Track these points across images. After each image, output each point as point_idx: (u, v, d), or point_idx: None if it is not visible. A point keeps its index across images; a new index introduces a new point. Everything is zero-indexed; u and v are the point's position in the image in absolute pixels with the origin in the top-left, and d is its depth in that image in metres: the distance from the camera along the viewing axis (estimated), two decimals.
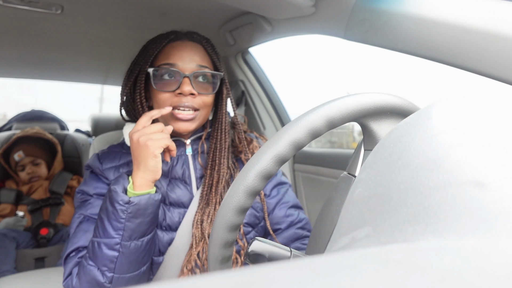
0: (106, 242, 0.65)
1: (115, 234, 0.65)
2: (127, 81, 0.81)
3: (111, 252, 0.65)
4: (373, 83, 6.95)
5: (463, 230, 0.13)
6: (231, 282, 0.10)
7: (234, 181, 0.39)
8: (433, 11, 0.59)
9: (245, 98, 1.45)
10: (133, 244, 0.66)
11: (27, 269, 1.48)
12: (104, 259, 0.65)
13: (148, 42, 0.82)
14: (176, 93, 0.75)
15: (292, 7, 0.80)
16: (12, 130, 1.97)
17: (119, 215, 0.65)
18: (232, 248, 0.44)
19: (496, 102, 0.22)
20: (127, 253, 0.66)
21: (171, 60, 0.76)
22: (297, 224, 0.85)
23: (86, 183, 0.78)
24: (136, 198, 0.66)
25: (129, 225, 0.65)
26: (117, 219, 0.65)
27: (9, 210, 1.69)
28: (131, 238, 0.66)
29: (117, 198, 0.65)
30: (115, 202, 0.65)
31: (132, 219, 0.65)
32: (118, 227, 0.65)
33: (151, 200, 0.67)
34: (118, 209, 0.64)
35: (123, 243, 0.65)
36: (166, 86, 0.75)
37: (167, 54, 0.78)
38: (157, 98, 0.77)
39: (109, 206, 0.65)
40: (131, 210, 0.65)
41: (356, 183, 0.21)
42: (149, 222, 0.68)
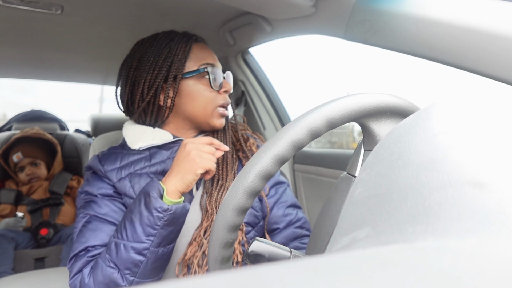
0: (135, 246, 0.64)
1: (145, 239, 0.65)
2: (152, 85, 0.79)
3: (138, 256, 0.65)
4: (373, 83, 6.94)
5: (463, 230, 0.13)
6: (231, 282, 0.10)
7: (234, 181, 0.39)
8: (433, 11, 0.59)
9: (245, 98, 1.45)
10: (160, 250, 0.67)
11: (26, 269, 1.48)
12: (128, 262, 0.64)
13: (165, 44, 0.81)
14: (221, 91, 0.81)
15: (292, 7, 0.80)
16: (12, 130, 1.96)
17: (155, 221, 0.64)
18: (232, 248, 0.44)
19: (496, 102, 0.22)
20: (153, 258, 0.66)
21: (209, 61, 0.82)
22: (295, 223, 0.85)
23: (90, 184, 0.78)
24: (174, 206, 0.66)
25: (162, 232, 0.65)
26: (151, 225, 0.65)
27: (9, 211, 1.69)
28: (160, 245, 0.66)
29: (156, 204, 0.64)
30: (152, 208, 0.64)
31: (166, 227, 0.66)
32: (151, 233, 0.65)
33: (184, 209, 0.68)
34: (155, 215, 0.64)
35: (151, 249, 0.65)
36: (216, 86, 0.80)
37: (200, 55, 0.81)
38: (203, 96, 0.80)
39: (144, 211, 0.65)
40: (167, 218, 0.65)
41: (356, 183, 0.21)
42: (178, 230, 0.70)
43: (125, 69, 0.83)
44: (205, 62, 0.81)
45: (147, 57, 0.80)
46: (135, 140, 0.80)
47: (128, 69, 0.82)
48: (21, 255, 1.53)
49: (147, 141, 0.79)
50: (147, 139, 0.80)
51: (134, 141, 0.80)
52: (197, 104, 0.80)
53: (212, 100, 0.80)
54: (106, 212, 0.73)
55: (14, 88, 8.65)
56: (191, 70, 0.79)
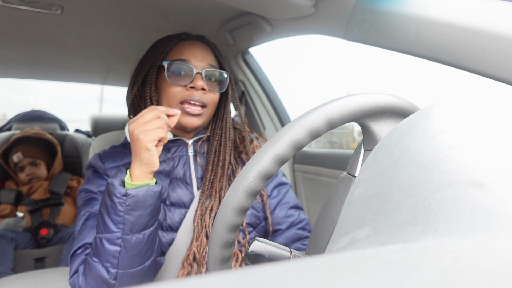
0: (108, 237, 0.64)
1: (115, 228, 0.64)
2: (137, 77, 0.82)
3: (113, 247, 0.64)
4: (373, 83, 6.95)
5: (463, 230, 0.13)
6: (231, 282, 0.10)
7: (234, 181, 0.39)
8: (433, 11, 0.59)
9: (245, 98, 1.45)
10: (134, 237, 0.65)
11: (26, 269, 1.48)
12: (107, 255, 0.64)
13: (159, 41, 0.84)
14: (188, 87, 0.77)
15: (292, 7, 0.80)
16: (12, 130, 1.96)
17: (118, 208, 0.63)
18: (232, 249, 0.44)
19: (496, 102, 0.22)
20: (128, 247, 0.65)
21: (184, 56, 0.79)
22: (297, 225, 0.85)
23: (90, 182, 0.78)
24: (134, 190, 0.64)
25: (128, 218, 0.64)
26: (116, 213, 0.63)
27: (9, 211, 1.69)
28: (131, 231, 0.64)
29: (115, 191, 0.63)
30: (112, 195, 0.63)
31: (131, 212, 0.64)
32: (118, 220, 0.64)
33: (150, 191, 0.65)
34: (116, 202, 0.63)
35: (124, 237, 0.64)
36: (179, 80, 0.78)
37: (180, 51, 0.81)
38: (167, 91, 0.78)
39: (107, 200, 0.64)
40: (129, 203, 0.63)
41: (356, 183, 0.21)
42: (149, 214, 0.66)
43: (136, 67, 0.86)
44: (177, 57, 0.79)
45: (146, 55, 0.84)
46: None
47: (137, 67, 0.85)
48: (21, 255, 1.53)
49: None
50: None
51: None
52: (163, 100, 0.80)
53: (175, 95, 0.77)
54: None
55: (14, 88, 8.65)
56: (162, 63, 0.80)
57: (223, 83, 0.83)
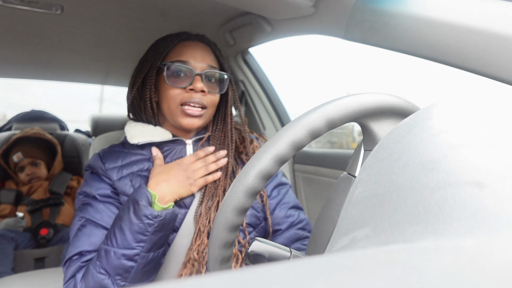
0: (126, 252, 0.65)
1: (136, 245, 0.65)
2: (136, 78, 0.82)
3: (129, 262, 0.65)
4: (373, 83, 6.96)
5: (463, 230, 0.13)
6: (231, 282, 0.10)
7: (234, 181, 0.39)
8: (433, 11, 0.59)
9: (245, 98, 1.45)
10: (151, 255, 0.68)
11: (26, 269, 1.47)
12: (119, 269, 0.65)
13: (158, 41, 0.84)
14: (187, 89, 0.77)
15: (292, 7, 0.80)
16: (12, 130, 1.96)
17: (146, 228, 0.65)
18: (232, 249, 0.44)
19: (496, 102, 0.22)
20: (143, 263, 0.67)
21: (183, 58, 0.79)
22: (297, 225, 0.85)
23: (88, 184, 0.77)
24: (163, 212, 0.67)
25: (152, 238, 0.66)
26: (142, 232, 0.65)
27: (9, 211, 1.69)
28: (150, 250, 0.67)
29: (146, 211, 0.66)
30: (142, 216, 0.65)
31: (157, 233, 0.67)
32: (142, 239, 0.66)
33: (174, 214, 0.70)
34: (146, 222, 0.65)
35: (142, 254, 0.66)
36: (178, 82, 0.78)
37: (179, 52, 0.80)
38: (167, 93, 0.78)
39: (133, 218, 0.66)
40: (157, 224, 0.66)
41: (356, 183, 0.21)
42: (168, 235, 0.71)
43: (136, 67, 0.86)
44: (178, 59, 0.79)
45: (145, 56, 0.83)
46: (135, 135, 0.81)
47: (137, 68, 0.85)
48: (21, 255, 1.53)
49: (146, 137, 0.80)
50: (147, 135, 0.81)
51: (134, 136, 0.81)
52: (163, 101, 0.80)
53: (174, 97, 0.78)
54: (101, 217, 0.73)
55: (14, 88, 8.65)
56: (161, 65, 0.80)
57: (223, 84, 0.83)
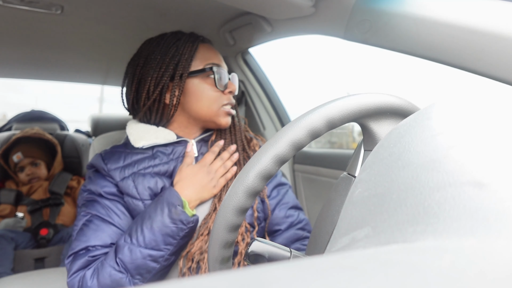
0: (152, 253, 0.66)
1: (164, 247, 0.67)
2: (158, 83, 0.79)
3: (153, 263, 0.66)
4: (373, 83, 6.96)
5: (463, 230, 0.13)
6: (231, 282, 0.10)
7: (234, 181, 0.39)
8: (433, 11, 0.59)
9: (245, 98, 1.45)
10: (173, 258, 0.69)
11: (26, 269, 1.48)
12: (142, 268, 0.66)
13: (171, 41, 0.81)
14: (226, 92, 0.82)
15: (292, 7, 0.80)
16: (12, 131, 1.96)
17: (177, 232, 0.67)
18: (232, 249, 0.44)
19: (496, 102, 0.22)
20: (165, 265, 0.68)
21: (215, 61, 0.83)
22: (297, 225, 0.85)
23: (93, 182, 0.77)
24: (195, 218, 0.70)
25: (180, 242, 0.69)
26: (173, 236, 0.67)
27: (9, 211, 1.69)
28: (175, 253, 0.69)
29: (182, 216, 0.68)
30: (178, 220, 0.67)
31: (185, 238, 0.69)
32: (171, 242, 0.67)
33: (197, 220, 0.72)
34: (179, 227, 0.67)
35: (166, 257, 0.67)
36: (222, 85, 0.82)
37: (205, 55, 0.82)
38: (208, 96, 0.80)
39: (167, 221, 0.67)
40: (188, 230, 0.69)
41: (356, 183, 0.21)
42: (190, 240, 0.72)
43: (132, 67, 0.83)
44: (210, 62, 0.81)
45: (154, 56, 0.80)
46: (139, 138, 0.80)
47: (135, 67, 0.82)
48: (21, 255, 1.53)
49: (150, 140, 0.80)
50: (151, 137, 0.80)
51: (138, 139, 0.80)
52: (202, 103, 0.80)
53: (217, 100, 0.81)
54: (108, 213, 0.73)
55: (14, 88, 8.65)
56: (197, 69, 0.80)
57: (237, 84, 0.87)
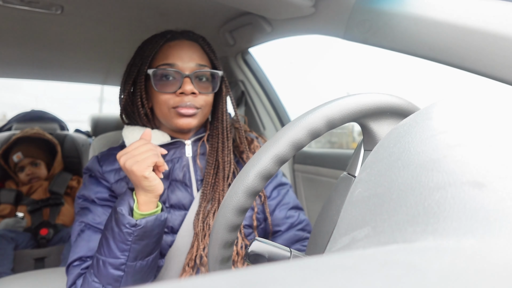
0: (112, 262, 0.64)
1: (120, 255, 0.65)
2: (126, 84, 0.80)
3: (117, 272, 0.65)
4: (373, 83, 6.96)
5: (462, 230, 0.13)
6: (231, 282, 0.10)
7: (234, 181, 0.39)
8: (433, 11, 0.59)
9: (245, 98, 1.45)
10: (138, 264, 0.66)
11: (26, 269, 1.48)
12: (109, 278, 0.65)
13: (144, 43, 0.82)
14: (177, 93, 0.75)
15: (292, 7, 0.80)
16: (12, 130, 1.96)
17: (126, 237, 0.64)
18: (232, 249, 0.44)
19: (496, 102, 0.22)
20: (132, 272, 0.66)
21: (170, 60, 0.76)
22: (297, 226, 0.84)
23: (86, 188, 0.77)
24: (143, 220, 0.64)
25: (135, 247, 0.65)
26: (123, 241, 0.64)
27: (9, 211, 1.69)
28: (136, 259, 0.66)
29: (124, 220, 0.64)
30: (121, 225, 0.64)
31: (139, 241, 0.65)
32: (124, 248, 0.64)
33: (158, 221, 0.66)
34: (125, 231, 0.64)
35: (128, 264, 0.65)
36: (167, 87, 0.75)
37: (165, 54, 0.77)
38: (158, 99, 0.77)
39: (115, 227, 0.65)
40: (137, 233, 0.64)
41: (356, 183, 0.21)
42: (155, 242, 0.68)
43: (127, 68, 0.84)
44: (164, 62, 0.76)
45: (134, 58, 0.81)
46: (133, 140, 0.80)
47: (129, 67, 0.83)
48: (21, 255, 1.53)
49: None
50: None
51: (133, 141, 0.80)
52: (155, 106, 0.79)
53: (166, 102, 0.76)
54: (100, 221, 0.73)
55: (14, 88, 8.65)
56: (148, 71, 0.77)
57: (215, 82, 0.80)
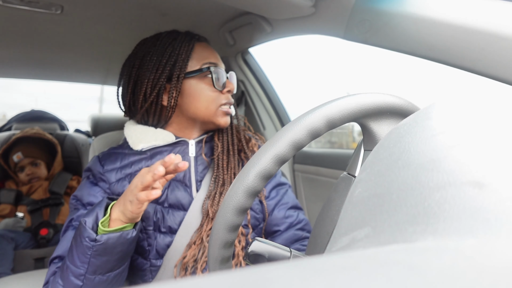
0: (73, 270, 0.63)
1: (80, 265, 0.63)
2: (155, 85, 0.78)
3: (76, 280, 0.63)
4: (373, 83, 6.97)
5: (463, 230, 0.13)
6: (231, 282, 0.10)
7: (233, 181, 0.39)
8: (433, 11, 0.59)
9: (245, 98, 1.45)
10: (97, 278, 0.64)
11: (26, 269, 1.48)
12: (69, 284, 0.63)
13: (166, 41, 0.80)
14: (224, 91, 0.81)
15: (292, 7, 0.80)
16: (12, 130, 1.96)
17: (85, 250, 0.62)
18: (232, 249, 0.44)
19: (496, 102, 0.22)
20: (90, 285, 0.64)
21: (212, 60, 0.81)
22: (296, 225, 0.84)
23: (81, 190, 0.77)
24: (105, 236, 0.61)
25: (94, 262, 0.62)
26: (83, 253, 0.62)
27: (9, 211, 1.69)
28: (95, 273, 0.63)
29: (84, 233, 0.61)
30: (82, 237, 0.62)
31: (98, 257, 0.62)
32: (84, 260, 0.62)
33: (122, 238, 0.63)
34: (84, 244, 0.61)
35: (87, 276, 0.63)
36: (220, 85, 0.81)
37: (202, 54, 0.81)
38: (206, 96, 0.79)
39: (77, 237, 0.63)
40: (96, 249, 0.61)
41: (356, 183, 0.21)
42: (117, 260, 0.65)
43: (127, 69, 0.82)
44: (207, 61, 0.80)
45: (150, 57, 0.79)
46: (138, 141, 0.80)
47: (130, 68, 0.81)
48: (21, 255, 1.53)
49: (149, 142, 0.79)
50: (150, 139, 0.79)
51: (137, 142, 0.80)
52: (200, 104, 0.79)
53: (215, 100, 0.80)
54: None
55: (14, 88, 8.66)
56: (193, 70, 0.79)
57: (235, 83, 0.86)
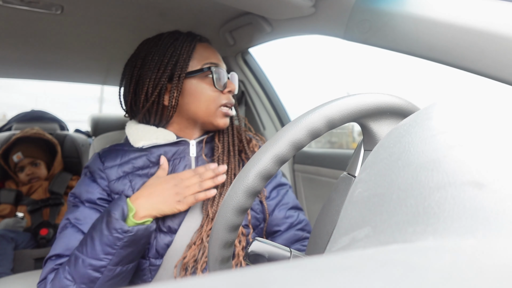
0: (93, 263, 0.64)
1: (103, 257, 0.64)
2: (157, 85, 0.78)
3: (95, 273, 0.64)
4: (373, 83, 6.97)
5: (463, 230, 0.13)
6: (231, 282, 0.10)
7: (233, 181, 0.39)
8: (433, 11, 0.59)
9: (244, 98, 1.45)
10: (118, 269, 0.67)
11: (26, 269, 1.48)
12: (84, 278, 0.64)
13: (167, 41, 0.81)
14: (225, 91, 0.81)
15: (292, 7, 0.80)
16: (12, 130, 1.96)
17: (114, 241, 0.64)
18: (232, 249, 0.44)
19: (496, 102, 0.22)
20: (109, 276, 0.66)
21: (213, 60, 0.81)
22: (297, 226, 0.85)
23: (80, 187, 0.77)
24: (135, 228, 0.66)
25: (121, 252, 0.65)
26: (110, 245, 0.64)
27: (9, 211, 1.69)
28: (118, 264, 0.66)
29: (116, 225, 0.64)
30: (112, 229, 0.64)
31: (126, 248, 0.66)
32: (110, 252, 0.64)
33: (147, 231, 0.68)
34: (115, 236, 0.64)
35: (109, 267, 0.65)
36: (221, 85, 0.80)
37: (203, 54, 0.81)
38: (207, 96, 0.79)
39: (104, 230, 0.65)
40: (127, 239, 0.65)
41: (356, 183, 0.21)
42: (140, 251, 0.69)
43: (129, 68, 0.83)
44: (208, 61, 0.80)
45: (152, 56, 0.80)
46: (139, 139, 0.80)
47: (132, 68, 0.82)
48: (21, 255, 1.53)
49: (150, 140, 0.79)
50: (151, 137, 0.80)
51: (138, 139, 0.80)
52: (200, 104, 0.79)
53: (215, 100, 0.80)
54: (83, 222, 0.73)
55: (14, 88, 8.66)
56: (195, 69, 0.79)
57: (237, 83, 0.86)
